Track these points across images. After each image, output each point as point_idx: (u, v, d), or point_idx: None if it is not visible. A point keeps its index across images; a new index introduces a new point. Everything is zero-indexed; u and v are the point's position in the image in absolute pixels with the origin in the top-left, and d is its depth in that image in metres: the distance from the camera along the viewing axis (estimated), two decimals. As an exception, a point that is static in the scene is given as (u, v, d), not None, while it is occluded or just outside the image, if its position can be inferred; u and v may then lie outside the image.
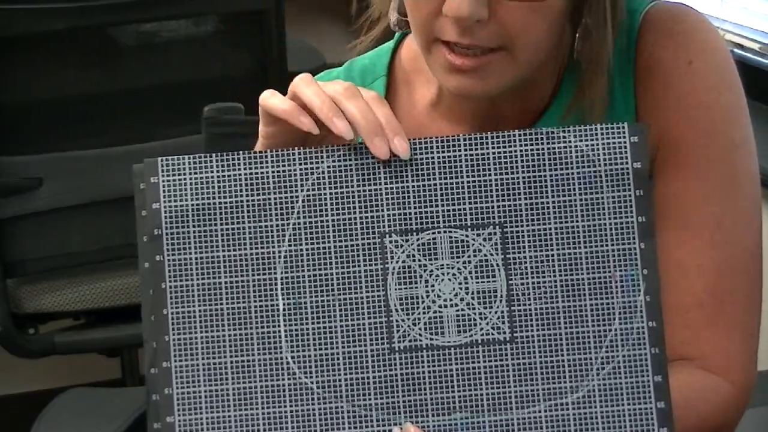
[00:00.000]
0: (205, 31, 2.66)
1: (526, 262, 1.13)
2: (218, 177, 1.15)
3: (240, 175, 1.15)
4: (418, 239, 1.13)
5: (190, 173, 1.16)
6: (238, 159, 1.15)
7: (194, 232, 1.15)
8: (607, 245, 1.13)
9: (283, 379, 1.12)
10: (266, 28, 2.62)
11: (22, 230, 2.59)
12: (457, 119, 1.37)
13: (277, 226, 1.14)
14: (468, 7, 1.19)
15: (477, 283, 1.13)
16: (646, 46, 1.34)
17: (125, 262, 2.62)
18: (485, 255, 1.13)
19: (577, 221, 1.13)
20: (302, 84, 1.16)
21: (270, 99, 1.17)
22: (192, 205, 1.15)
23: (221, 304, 1.14)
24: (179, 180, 1.15)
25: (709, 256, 1.33)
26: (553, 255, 1.13)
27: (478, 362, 1.11)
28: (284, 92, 1.25)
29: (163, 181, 1.15)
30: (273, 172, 1.15)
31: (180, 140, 2.53)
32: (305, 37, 3.04)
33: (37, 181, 2.57)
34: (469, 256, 1.13)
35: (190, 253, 1.15)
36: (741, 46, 2.38)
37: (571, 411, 1.10)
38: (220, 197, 1.15)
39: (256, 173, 1.16)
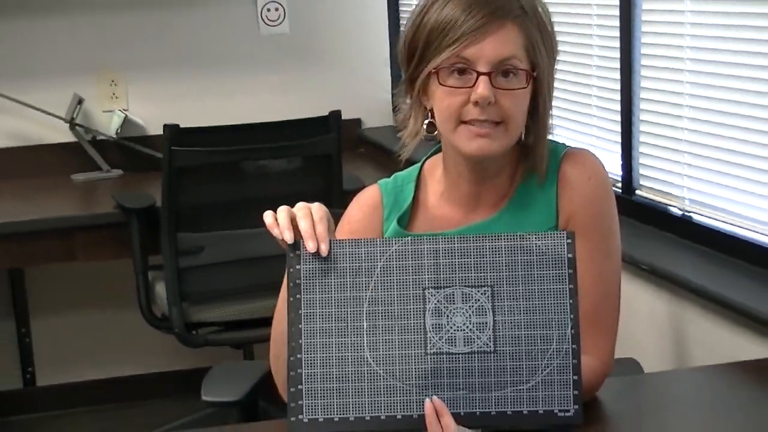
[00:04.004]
0: (294, 166, 3.06)
1: (505, 308, 1.25)
2: (333, 252, 1.31)
3: (345, 252, 1.31)
4: (444, 292, 1.26)
5: None
6: (344, 242, 1.31)
7: (318, 282, 1.30)
8: (552, 300, 1.27)
9: (364, 368, 1.26)
10: (331, 164, 3.04)
11: (191, 275, 3.03)
12: (453, 203, 1.57)
13: (365, 281, 1.29)
14: (488, 93, 1.48)
15: (476, 318, 1.24)
16: (564, 170, 1.58)
17: (250, 295, 3.06)
18: (482, 303, 1.24)
19: (535, 286, 1.26)
20: (281, 210, 1.32)
21: (266, 217, 1.33)
22: (317, 267, 1.30)
23: (331, 324, 1.29)
24: (310, 253, 1.31)
25: (593, 290, 1.56)
26: (520, 305, 1.26)
27: (474, 363, 1.23)
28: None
29: (303, 254, 1.31)
30: (363, 250, 1.31)
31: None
32: (353, 169, 3.27)
33: (201, 248, 3.03)
34: (472, 303, 1.25)
35: (316, 294, 1.29)
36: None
37: (525, 394, 1.23)
38: (334, 263, 1.30)
39: (354, 250, 1.31)
